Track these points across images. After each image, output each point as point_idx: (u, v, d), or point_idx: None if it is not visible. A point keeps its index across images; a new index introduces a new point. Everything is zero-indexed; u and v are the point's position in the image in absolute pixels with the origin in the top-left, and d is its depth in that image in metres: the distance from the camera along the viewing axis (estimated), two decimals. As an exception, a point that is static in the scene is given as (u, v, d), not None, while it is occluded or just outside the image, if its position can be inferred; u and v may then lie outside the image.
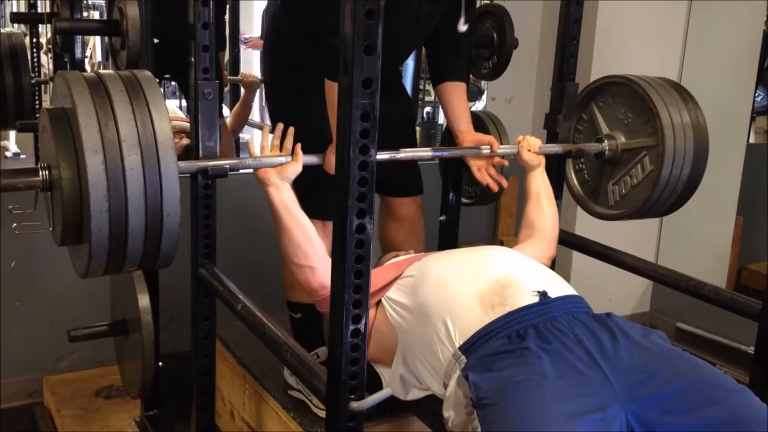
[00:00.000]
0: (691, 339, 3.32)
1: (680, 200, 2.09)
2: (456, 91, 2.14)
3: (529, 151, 2.02)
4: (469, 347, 1.42)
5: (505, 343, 1.39)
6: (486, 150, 2.04)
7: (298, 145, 1.69)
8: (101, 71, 1.39)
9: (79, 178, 1.31)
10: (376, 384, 1.60)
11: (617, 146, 2.10)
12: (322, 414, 1.94)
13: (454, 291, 1.53)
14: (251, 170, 1.69)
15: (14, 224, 1.49)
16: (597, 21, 3.17)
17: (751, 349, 1.79)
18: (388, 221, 2.32)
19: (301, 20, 2.00)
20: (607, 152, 2.12)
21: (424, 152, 2.07)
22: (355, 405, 1.22)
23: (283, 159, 1.67)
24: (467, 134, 2.11)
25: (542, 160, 2.06)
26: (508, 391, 1.29)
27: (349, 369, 1.21)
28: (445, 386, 1.46)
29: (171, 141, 1.34)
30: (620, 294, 3.51)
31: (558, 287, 1.55)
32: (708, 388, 1.31)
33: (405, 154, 1.92)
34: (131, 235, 1.33)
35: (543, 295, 1.49)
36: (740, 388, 1.32)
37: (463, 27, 2.11)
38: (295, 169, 1.66)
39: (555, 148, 2.15)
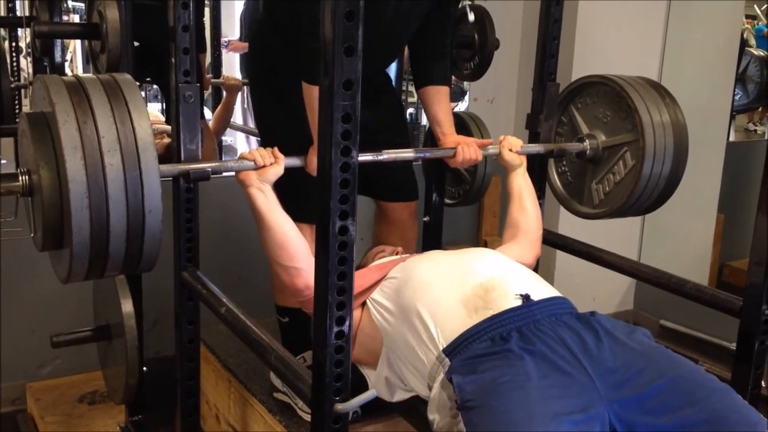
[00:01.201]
0: (674, 336, 3.34)
1: (663, 196, 2.10)
2: (439, 95, 2.14)
3: (510, 151, 2.02)
4: (452, 350, 1.42)
5: (489, 346, 1.40)
6: None
7: (276, 148, 1.67)
8: (81, 75, 1.39)
9: (59, 181, 1.30)
10: (361, 385, 1.60)
11: (598, 144, 2.12)
12: (308, 417, 1.94)
13: (438, 294, 1.53)
14: (233, 174, 1.68)
15: None
16: (577, 21, 3.19)
17: (733, 346, 1.80)
18: (380, 224, 2.32)
19: (282, 24, 2.00)
20: (588, 151, 2.13)
21: (406, 153, 2.07)
22: (339, 407, 1.22)
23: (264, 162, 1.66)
24: (449, 136, 2.10)
25: (524, 160, 2.06)
26: (493, 392, 1.29)
27: (334, 371, 1.21)
28: (430, 388, 1.46)
29: (152, 143, 1.33)
30: (604, 292, 3.53)
31: (541, 290, 1.56)
32: (690, 386, 1.32)
33: (387, 155, 1.92)
34: (113, 237, 1.32)
35: (526, 298, 1.49)
36: (723, 387, 1.33)
37: None
38: (275, 171, 1.65)
39: (536, 147, 2.15)
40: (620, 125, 2.06)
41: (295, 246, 1.63)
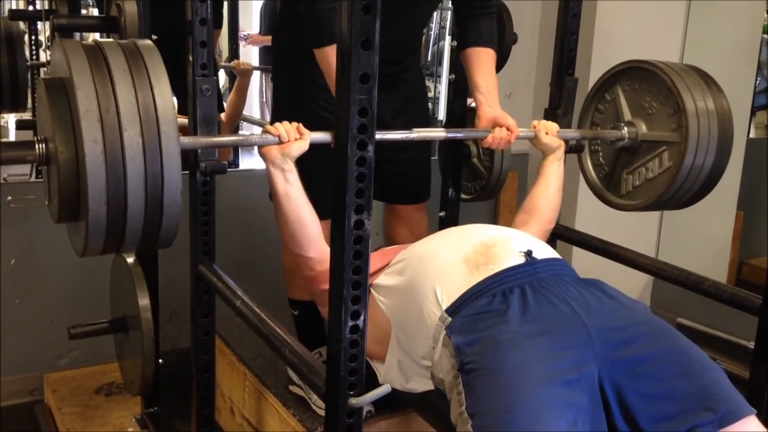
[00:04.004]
0: (691, 334, 3.30)
1: (695, 198, 2.02)
2: (478, 57, 2.02)
3: (547, 134, 1.96)
4: (455, 309, 1.42)
5: (490, 302, 1.40)
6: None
7: (300, 124, 1.60)
8: (101, 40, 1.34)
9: (75, 150, 1.25)
10: (373, 381, 1.60)
11: (637, 134, 2.01)
12: (322, 412, 1.94)
13: (440, 259, 1.53)
14: (249, 168, 1.68)
15: (9, 197, 1.45)
16: (596, 15, 3.17)
17: (751, 344, 1.78)
18: (390, 219, 2.33)
19: (296, 15, 2.01)
20: (626, 140, 2.02)
21: (437, 133, 2.03)
22: (354, 401, 1.22)
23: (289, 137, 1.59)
24: (488, 108, 1.98)
25: (562, 144, 1.98)
26: (491, 353, 1.29)
27: (348, 365, 1.21)
28: (434, 350, 1.45)
29: (172, 112, 1.27)
30: (621, 289, 3.48)
31: (544, 250, 1.56)
32: (684, 359, 1.33)
33: (418, 134, 1.87)
34: (130, 208, 1.27)
35: (529, 254, 1.49)
36: (715, 366, 1.34)
37: None
38: (300, 145, 1.57)
39: (573, 133, 2.07)
40: (665, 121, 1.95)
41: (306, 236, 1.62)
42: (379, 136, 1.74)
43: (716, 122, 1.91)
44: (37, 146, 1.32)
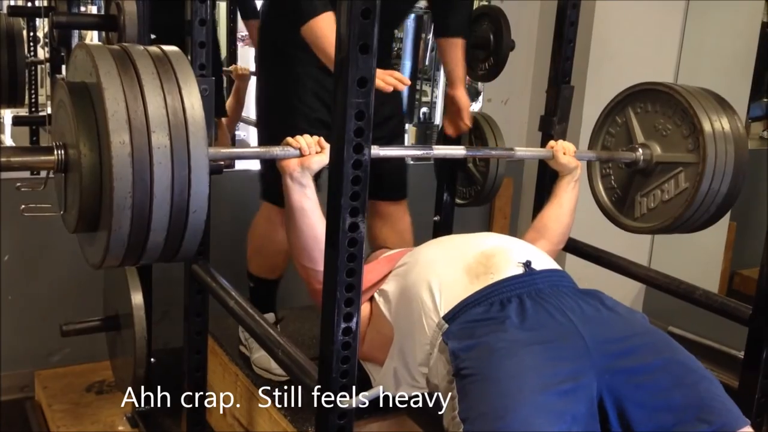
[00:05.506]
0: (682, 343, 3.24)
1: (710, 220, 1.99)
2: (449, 47, 2.23)
3: (564, 154, 1.96)
4: (453, 316, 1.44)
5: (487, 310, 1.42)
6: (532, 154, 2.01)
7: (321, 138, 1.58)
8: (126, 44, 1.28)
9: (99, 159, 1.19)
10: (365, 383, 1.61)
11: (652, 156, 1.98)
12: (262, 372, 2.09)
13: (442, 267, 1.55)
14: (244, 169, 1.68)
15: (22, 206, 1.40)
16: (594, 23, 3.18)
17: (741, 354, 1.79)
18: (371, 220, 2.31)
19: (285, 8, 2.00)
20: (641, 162, 1.99)
21: (457, 151, 2.05)
22: (345, 402, 1.23)
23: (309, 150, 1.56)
24: (453, 95, 2.24)
25: (579, 164, 1.97)
26: (487, 360, 1.31)
27: (340, 367, 1.22)
28: (431, 356, 1.47)
29: (201, 117, 1.23)
30: (613, 297, 3.51)
31: (544, 261, 1.58)
32: (682, 370, 1.35)
33: (438, 151, 1.89)
34: (155, 218, 1.21)
35: (527, 265, 1.51)
36: (711, 377, 1.36)
37: None
38: (320, 159, 1.53)
39: (589, 154, 2.07)
40: (680, 143, 1.91)
41: (319, 250, 1.56)
42: (397, 152, 1.80)
43: (732, 144, 1.88)
44: (55, 152, 1.25)
